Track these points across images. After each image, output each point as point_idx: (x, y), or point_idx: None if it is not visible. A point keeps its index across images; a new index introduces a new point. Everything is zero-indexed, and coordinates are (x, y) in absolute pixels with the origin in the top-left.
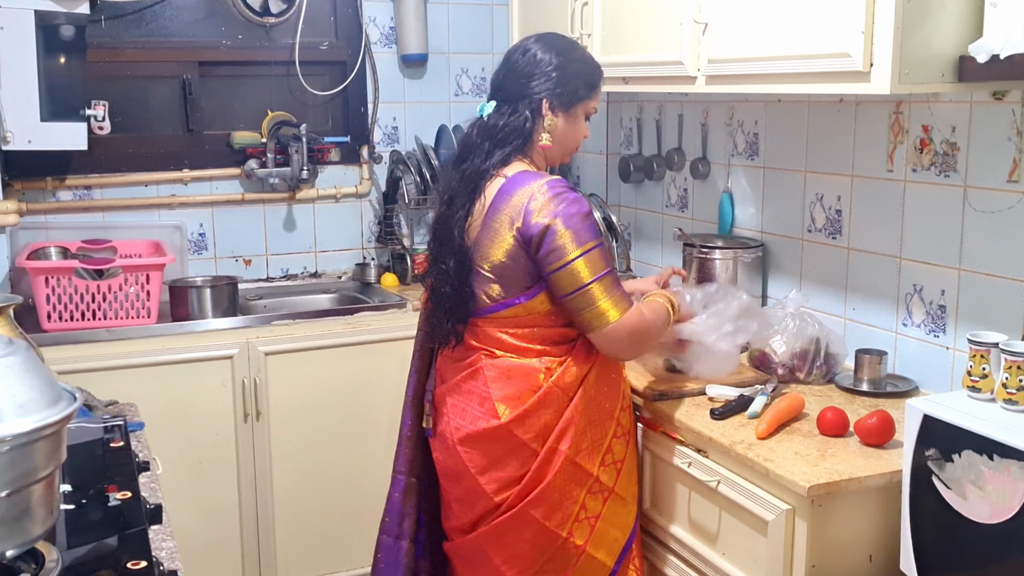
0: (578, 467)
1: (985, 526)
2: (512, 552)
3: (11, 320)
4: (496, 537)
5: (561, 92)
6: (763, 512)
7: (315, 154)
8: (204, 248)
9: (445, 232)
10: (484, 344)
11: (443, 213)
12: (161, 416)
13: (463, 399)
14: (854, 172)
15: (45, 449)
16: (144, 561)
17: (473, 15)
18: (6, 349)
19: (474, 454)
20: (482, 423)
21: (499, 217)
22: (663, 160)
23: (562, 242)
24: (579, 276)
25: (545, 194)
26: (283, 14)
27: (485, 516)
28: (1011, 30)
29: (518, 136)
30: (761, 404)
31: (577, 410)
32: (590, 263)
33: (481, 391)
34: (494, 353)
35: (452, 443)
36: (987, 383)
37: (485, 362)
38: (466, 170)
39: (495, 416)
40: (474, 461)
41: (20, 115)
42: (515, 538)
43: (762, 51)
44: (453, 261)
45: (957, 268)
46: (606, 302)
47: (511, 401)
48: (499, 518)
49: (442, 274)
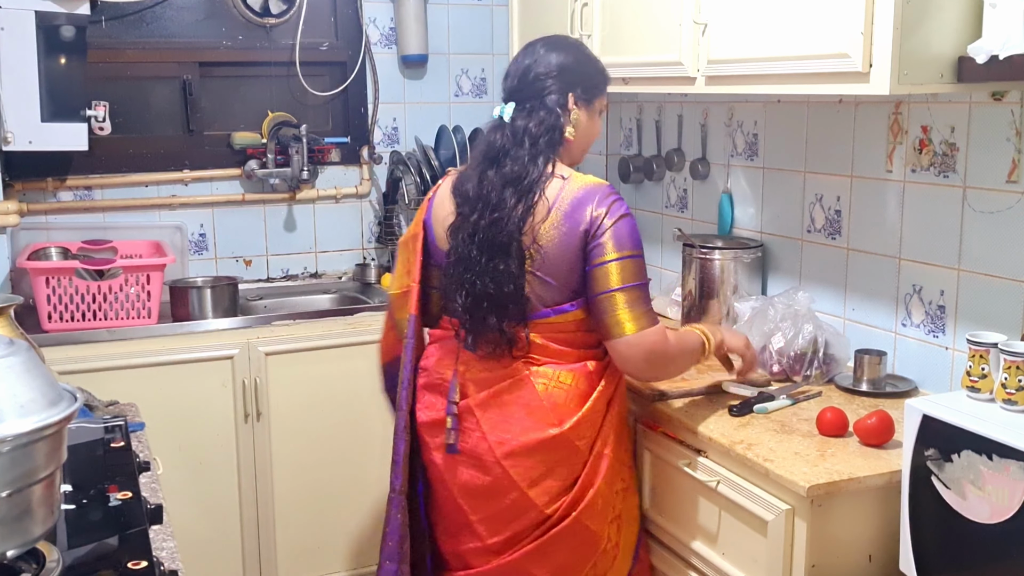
0: (615, 469)
1: (984, 526)
2: (561, 563)
3: (12, 320)
4: (545, 551)
5: (583, 86)
6: (763, 512)
7: (315, 154)
8: (204, 248)
9: (498, 233)
10: (526, 352)
11: (492, 216)
12: (162, 416)
13: (504, 411)
14: (853, 172)
15: (46, 449)
16: (145, 561)
17: (473, 16)
18: (7, 349)
19: (524, 466)
20: (535, 434)
21: (567, 221)
22: (663, 160)
23: (605, 241)
24: (609, 279)
25: (607, 198)
26: (283, 15)
27: (529, 531)
28: (1010, 31)
29: (551, 131)
30: (778, 406)
31: (614, 413)
32: (623, 270)
33: (529, 400)
34: (538, 360)
35: (493, 459)
36: (986, 383)
37: (532, 370)
38: (508, 174)
39: (553, 424)
40: (524, 474)
41: (21, 116)
42: (565, 548)
43: (761, 52)
44: (513, 263)
45: (956, 268)
46: (625, 313)
47: (564, 409)
48: (550, 531)
49: (499, 275)
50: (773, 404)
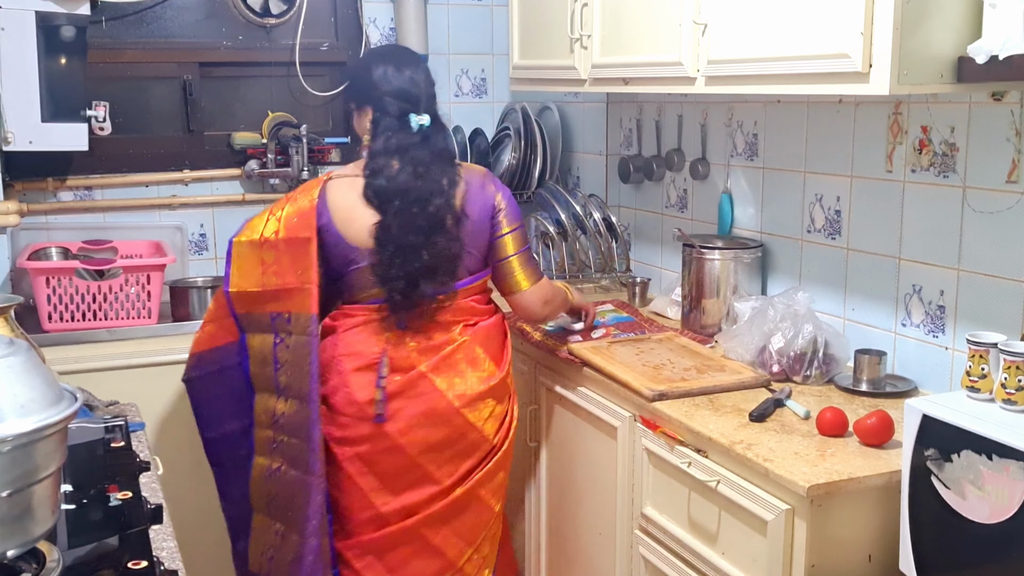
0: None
1: (984, 526)
2: (501, 480)
3: (12, 320)
4: (492, 476)
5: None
6: (762, 512)
7: (315, 155)
8: (205, 248)
9: (435, 210)
10: (459, 316)
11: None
12: (162, 416)
13: (451, 371)
14: (853, 173)
15: (46, 449)
16: (145, 561)
17: (473, 16)
18: (7, 350)
19: (478, 410)
20: (484, 381)
21: (478, 198)
22: (663, 161)
23: (502, 219)
24: (506, 248)
25: (494, 181)
26: (283, 15)
27: (479, 461)
28: (1010, 31)
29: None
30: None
31: (510, 344)
32: (515, 240)
33: (470, 355)
34: (468, 321)
35: (454, 411)
36: (986, 383)
37: (467, 330)
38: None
39: (495, 371)
40: (479, 416)
41: (21, 116)
42: (506, 465)
43: (761, 52)
44: (451, 234)
45: (956, 268)
46: (521, 273)
47: (498, 355)
48: (496, 455)
49: (438, 249)
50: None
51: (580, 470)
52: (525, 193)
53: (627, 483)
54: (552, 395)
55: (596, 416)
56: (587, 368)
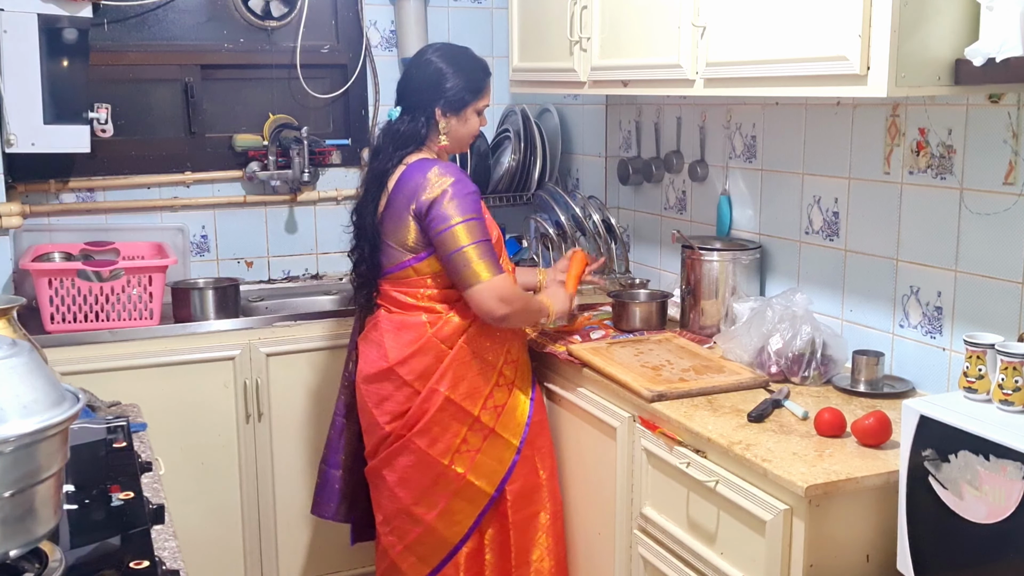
0: (458, 407)
1: (981, 526)
2: (402, 475)
3: (14, 322)
4: (389, 461)
5: (450, 99)
6: (761, 512)
7: (316, 156)
8: (206, 250)
9: (360, 220)
10: (384, 303)
11: (358, 204)
12: (164, 417)
13: (368, 347)
14: (851, 174)
15: (49, 450)
16: (146, 561)
17: (473, 18)
18: (10, 351)
19: (370, 390)
20: (377, 365)
21: (399, 199)
22: (661, 163)
23: (447, 211)
24: (458, 239)
25: (436, 175)
26: (284, 17)
27: (381, 444)
28: (1007, 33)
29: (415, 140)
30: (800, 409)
31: (455, 359)
32: (469, 231)
33: (379, 339)
34: (391, 310)
35: (357, 382)
36: (983, 384)
37: (383, 316)
38: (375, 168)
39: (385, 359)
40: (371, 397)
41: (23, 118)
42: (404, 463)
43: (760, 54)
44: (367, 245)
45: (953, 270)
46: (479, 264)
47: (398, 348)
48: (391, 446)
49: (361, 255)
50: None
51: (579, 470)
52: (525, 195)
53: (626, 483)
54: (552, 395)
55: (595, 417)
56: (586, 369)
